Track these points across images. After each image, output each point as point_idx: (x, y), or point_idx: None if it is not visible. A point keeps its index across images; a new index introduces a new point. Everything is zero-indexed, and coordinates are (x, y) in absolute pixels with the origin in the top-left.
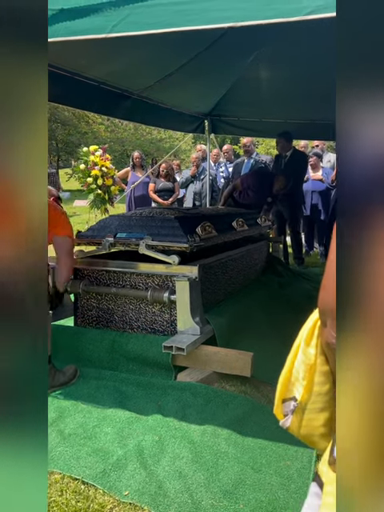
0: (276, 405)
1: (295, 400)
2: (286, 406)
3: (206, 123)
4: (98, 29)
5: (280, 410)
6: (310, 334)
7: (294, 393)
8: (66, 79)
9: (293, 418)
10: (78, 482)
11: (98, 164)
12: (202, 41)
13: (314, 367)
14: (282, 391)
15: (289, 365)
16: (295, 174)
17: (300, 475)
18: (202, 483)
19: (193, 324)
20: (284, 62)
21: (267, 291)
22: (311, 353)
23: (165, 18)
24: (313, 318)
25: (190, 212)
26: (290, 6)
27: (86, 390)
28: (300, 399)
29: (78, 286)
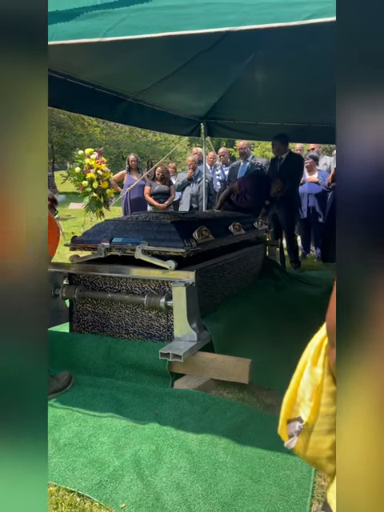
0: (281, 425)
1: (301, 421)
2: (292, 427)
3: (202, 126)
4: (92, 32)
5: (285, 431)
6: (316, 352)
7: (299, 413)
8: (60, 82)
9: (298, 440)
10: (74, 494)
11: (93, 167)
12: (199, 44)
13: (321, 387)
14: (286, 411)
15: (294, 384)
16: (291, 176)
17: (300, 485)
18: (200, 495)
19: (190, 330)
20: (280, 66)
21: (264, 295)
22: (318, 373)
23: (160, 21)
24: (319, 335)
25: (187, 216)
26: (289, 10)
27: (82, 397)
28: (306, 420)
29: (73, 292)
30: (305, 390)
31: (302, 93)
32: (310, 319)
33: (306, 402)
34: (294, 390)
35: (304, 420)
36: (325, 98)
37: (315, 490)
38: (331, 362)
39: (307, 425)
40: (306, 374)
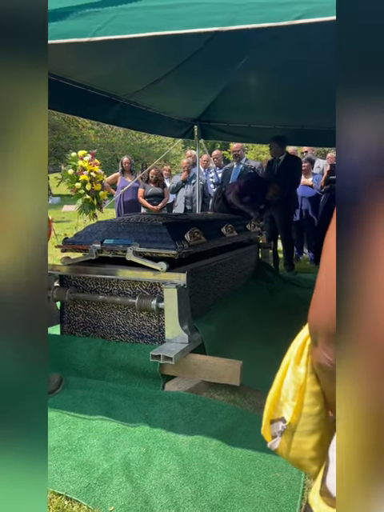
0: (264, 425)
1: (284, 421)
2: (275, 427)
3: (196, 128)
4: (81, 32)
5: (268, 432)
6: (299, 352)
7: (282, 413)
8: (52, 83)
9: (281, 440)
10: (62, 497)
11: (86, 169)
12: (192, 46)
13: (304, 387)
14: (270, 411)
15: (277, 384)
16: (288, 178)
17: (290, 487)
18: (190, 497)
19: (181, 332)
20: (273, 69)
21: (257, 297)
22: (301, 372)
23: (150, 21)
24: (302, 335)
25: (179, 218)
26: (278, 10)
27: (72, 400)
28: (289, 421)
29: (64, 294)
30: (288, 389)
31: (296, 96)
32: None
33: (289, 401)
34: (277, 389)
35: (287, 420)
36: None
37: (305, 492)
38: (314, 360)
39: (290, 425)
40: (289, 373)
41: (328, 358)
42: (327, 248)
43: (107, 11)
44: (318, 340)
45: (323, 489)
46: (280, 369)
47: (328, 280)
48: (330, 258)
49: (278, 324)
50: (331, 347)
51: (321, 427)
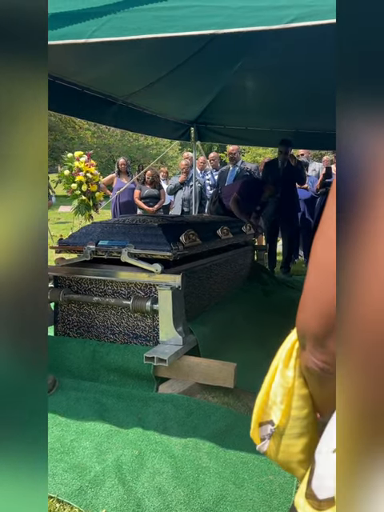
0: (253, 428)
1: (272, 424)
2: (263, 430)
3: (192, 130)
4: (77, 33)
5: (257, 434)
6: (288, 355)
7: (271, 416)
8: (49, 84)
9: (270, 443)
10: (53, 500)
11: (82, 170)
12: (188, 48)
13: (292, 390)
14: (258, 414)
15: (266, 387)
16: (293, 181)
17: (283, 490)
18: (182, 500)
19: (175, 334)
20: (270, 71)
21: (251, 299)
22: (289, 375)
23: (146, 23)
24: (291, 338)
25: (174, 220)
26: (273, 14)
27: (65, 401)
28: (278, 424)
29: (58, 295)
30: (276, 392)
31: (292, 98)
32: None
33: (278, 404)
34: (266, 392)
35: (275, 423)
36: (314, 104)
37: None
38: (302, 364)
39: (278, 428)
40: (277, 376)
41: (315, 362)
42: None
43: (104, 14)
44: (305, 343)
45: (309, 491)
46: (269, 372)
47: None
48: (318, 260)
49: (272, 326)
50: (319, 351)
51: (309, 430)
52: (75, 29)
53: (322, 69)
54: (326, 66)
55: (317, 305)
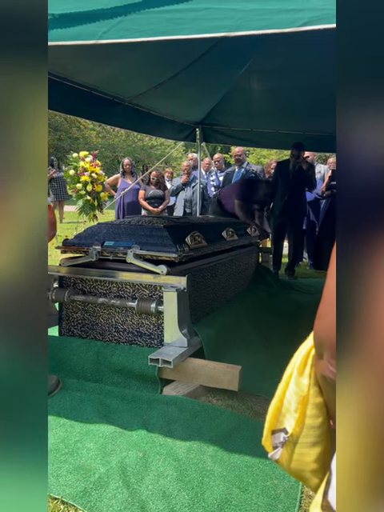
0: (265, 435)
1: (285, 432)
2: (276, 438)
3: (198, 131)
4: (88, 35)
5: (269, 442)
6: (303, 363)
7: (284, 424)
8: (56, 84)
9: (283, 451)
10: (58, 501)
11: (87, 170)
12: (196, 49)
13: (307, 399)
14: (271, 422)
15: (280, 394)
16: (302, 185)
17: (287, 495)
18: (187, 503)
19: (180, 336)
20: (276, 74)
21: (256, 302)
22: (304, 383)
23: (157, 25)
24: (306, 345)
25: (180, 221)
26: (284, 17)
27: (69, 402)
28: (291, 432)
29: (63, 295)
30: (290, 400)
31: (298, 100)
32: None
33: (292, 412)
34: (279, 399)
35: (289, 431)
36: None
37: (303, 500)
38: (318, 373)
39: (292, 436)
40: (291, 384)
41: (333, 371)
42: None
43: (115, 15)
44: (323, 352)
45: (325, 503)
46: (283, 379)
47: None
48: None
49: (277, 329)
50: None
51: (323, 439)
52: (86, 30)
53: (328, 71)
54: (333, 68)
55: (336, 313)
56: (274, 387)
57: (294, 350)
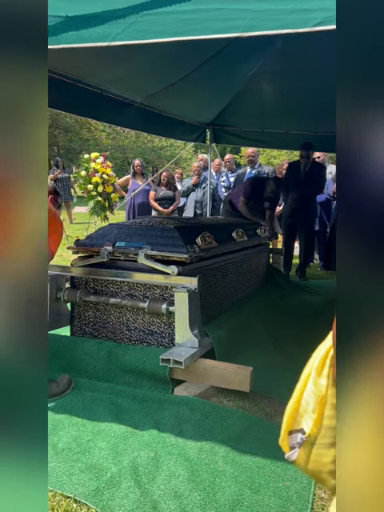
0: (282, 436)
1: (303, 432)
2: (293, 439)
3: (208, 132)
4: (101, 36)
5: (286, 442)
6: (321, 363)
7: (301, 424)
8: (68, 86)
9: (300, 452)
10: (70, 500)
11: (98, 171)
12: (207, 50)
13: (325, 399)
14: (289, 422)
15: (297, 395)
16: (314, 185)
17: (299, 497)
18: (198, 504)
19: (191, 336)
20: (287, 74)
21: (267, 303)
22: (322, 384)
23: (169, 26)
24: (325, 346)
25: (190, 222)
26: (297, 17)
27: (81, 402)
28: (309, 432)
29: (74, 295)
30: (308, 400)
31: (309, 101)
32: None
33: (309, 413)
34: (297, 400)
35: (306, 432)
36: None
37: (315, 502)
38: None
39: (310, 437)
40: (309, 384)
41: None
42: None
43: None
44: None
45: None
46: (300, 379)
47: None
48: None
49: (288, 330)
50: None
51: None
52: (99, 32)
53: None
54: None
55: None
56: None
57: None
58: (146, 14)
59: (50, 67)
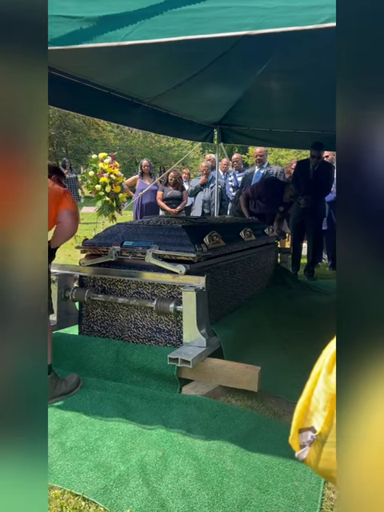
0: (292, 434)
1: (313, 431)
2: (303, 437)
3: (216, 132)
4: (110, 37)
5: (296, 441)
6: (332, 360)
7: (312, 422)
8: (76, 86)
9: (310, 450)
10: (79, 498)
11: (106, 171)
12: (215, 50)
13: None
14: (299, 420)
15: (308, 392)
16: (323, 185)
17: (308, 497)
18: (206, 503)
19: (199, 336)
20: (296, 73)
21: (275, 302)
22: (333, 381)
23: (178, 25)
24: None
25: (198, 221)
26: (306, 14)
27: (89, 400)
28: (320, 430)
29: (83, 294)
30: (319, 398)
31: (317, 100)
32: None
33: (320, 411)
34: (307, 398)
35: (317, 430)
36: None
37: (324, 502)
38: None
39: (320, 435)
40: (320, 382)
41: None
42: None
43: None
44: None
45: None
46: (310, 377)
47: None
48: None
49: (296, 330)
50: None
51: None
52: (109, 32)
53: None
54: None
55: None
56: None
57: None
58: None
59: (58, 67)
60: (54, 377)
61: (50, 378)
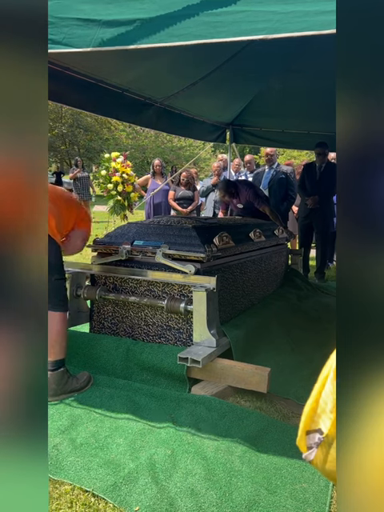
0: (299, 436)
1: (321, 433)
2: (311, 439)
3: (228, 132)
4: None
5: (303, 442)
6: None
7: (319, 425)
8: (90, 86)
9: (317, 452)
10: (89, 494)
11: (118, 170)
12: (228, 50)
13: None
14: (306, 422)
15: (315, 395)
16: (330, 185)
17: (316, 500)
18: (215, 502)
19: (209, 336)
20: (309, 74)
21: (285, 304)
22: None
23: (194, 29)
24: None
25: (208, 222)
26: (321, 18)
27: (99, 398)
28: (327, 433)
29: (94, 293)
30: (326, 400)
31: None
32: (331, 330)
33: (327, 413)
34: (315, 400)
35: (324, 432)
36: None
37: (332, 505)
38: None
39: (327, 437)
40: (328, 384)
41: None
42: None
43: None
44: None
45: None
46: (318, 380)
47: None
48: None
49: (306, 333)
50: None
51: None
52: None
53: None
54: None
55: None
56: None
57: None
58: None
59: (73, 67)
60: (66, 373)
61: (62, 373)
